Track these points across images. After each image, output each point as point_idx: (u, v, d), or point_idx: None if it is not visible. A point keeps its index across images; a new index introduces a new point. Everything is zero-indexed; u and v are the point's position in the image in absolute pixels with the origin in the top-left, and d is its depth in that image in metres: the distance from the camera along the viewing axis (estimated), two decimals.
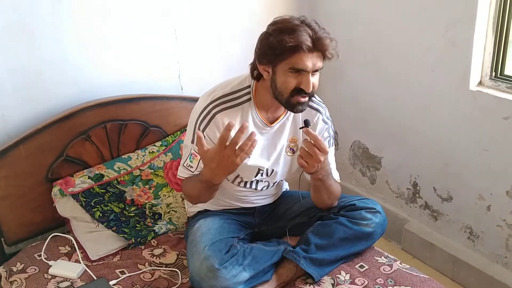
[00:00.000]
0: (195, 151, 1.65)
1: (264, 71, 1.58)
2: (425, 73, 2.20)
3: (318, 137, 1.53)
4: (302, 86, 1.53)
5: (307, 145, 1.54)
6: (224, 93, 1.66)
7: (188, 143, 1.70)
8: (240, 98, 1.66)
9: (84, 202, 1.92)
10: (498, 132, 2.00)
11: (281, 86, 1.55)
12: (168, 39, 2.21)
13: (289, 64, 1.51)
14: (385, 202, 2.57)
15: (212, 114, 1.63)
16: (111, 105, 2.04)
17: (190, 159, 1.68)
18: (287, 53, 1.49)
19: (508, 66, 2.04)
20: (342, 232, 1.71)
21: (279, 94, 1.57)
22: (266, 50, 1.54)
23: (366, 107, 2.54)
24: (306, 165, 1.56)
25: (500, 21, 1.97)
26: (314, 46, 1.49)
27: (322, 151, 1.53)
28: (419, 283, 1.65)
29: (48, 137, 1.91)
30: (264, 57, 1.55)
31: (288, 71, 1.52)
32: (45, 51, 1.92)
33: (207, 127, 1.63)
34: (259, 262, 1.62)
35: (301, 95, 1.55)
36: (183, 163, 1.71)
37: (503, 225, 2.08)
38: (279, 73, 1.54)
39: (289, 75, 1.53)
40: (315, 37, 1.49)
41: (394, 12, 2.27)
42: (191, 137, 1.68)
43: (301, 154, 1.56)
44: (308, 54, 1.49)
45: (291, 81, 1.53)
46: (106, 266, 1.76)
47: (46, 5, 1.88)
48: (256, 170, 1.72)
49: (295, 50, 1.48)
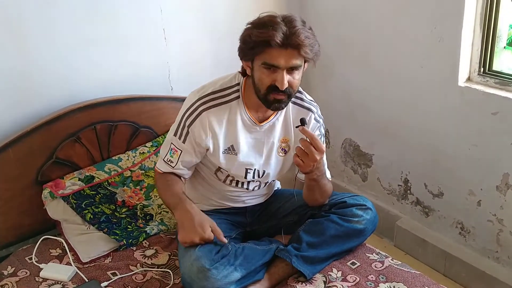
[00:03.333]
0: (176, 146, 1.67)
1: (247, 67, 1.60)
2: (414, 69, 2.21)
3: (314, 135, 1.54)
4: (276, 83, 1.53)
5: (304, 144, 1.54)
6: (214, 90, 1.66)
7: (171, 137, 1.70)
8: (229, 96, 1.66)
9: (74, 204, 1.92)
10: (487, 127, 2.01)
11: (257, 82, 1.57)
12: (157, 39, 2.21)
13: (261, 59, 1.52)
14: (377, 199, 2.58)
15: (199, 111, 1.63)
16: (101, 106, 2.03)
17: (171, 154, 1.69)
18: (257, 47, 1.50)
19: (496, 62, 2.04)
20: (333, 229, 1.71)
21: (257, 91, 1.58)
22: (241, 44, 1.57)
23: (357, 104, 2.54)
24: (302, 164, 1.57)
25: (488, 17, 1.98)
26: (286, 42, 1.47)
27: (318, 150, 1.54)
28: (411, 279, 1.66)
29: (37, 139, 1.90)
30: (241, 51, 1.58)
31: (262, 66, 1.53)
32: (34, 53, 1.91)
33: (193, 123, 1.64)
34: (251, 262, 1.61)
35: (277, 92, 1.55)
36: (163, 157, 1.72)
37: (494, 220, 2.09)
38: (255, 69, 1.56)
39: (263, 71, 1.53)
40: (289, 33, 1.47)
41: (383, 8, 2.27)
42: (175, 130, 1.69)
43: (297, 153, 1.57)
44: (280, 50, 1.49)
45: (265, 77, 1.54)
46: (98, 268, 1.75)
47: (34, 6, 1.87)
48: (244, 169, 1.72)
49: (264, 44, 1.48)
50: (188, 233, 1.57)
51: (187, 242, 1.58)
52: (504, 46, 2.04)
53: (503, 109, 1.94)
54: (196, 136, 1.64)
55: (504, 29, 2.01)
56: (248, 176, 1.74)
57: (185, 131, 1.66)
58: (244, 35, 1.54)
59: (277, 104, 1.59)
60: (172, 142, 1.70)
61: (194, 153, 1.69)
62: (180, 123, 1.67)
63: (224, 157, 1.69)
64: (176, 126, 1.69)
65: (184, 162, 1.70)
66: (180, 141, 1.67)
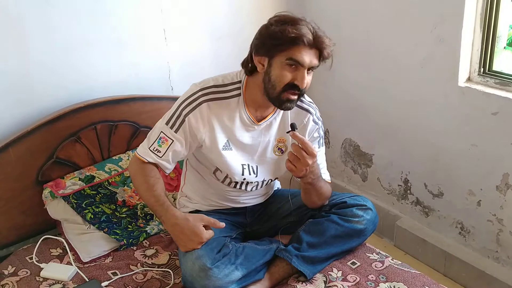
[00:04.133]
0: (166, 135, 1.63)
1: (259, 63, 1.58)
2: (414, 70, 2.21)
3: (305, 140, 1.54)
4: (296, 82, 1.53)
5: (295, 149, 1.54)
6: (216, 84, 1.66)
7: (162, 125, 1.65)
8: (230, 92, 1.65)
9: (75, 204, 1.92)
10: (487, 127, 2.02)
11: (275, 79, 1.55)
12: (157, 39, 2.21)
13: (287, 55, 1.51)
14: (377, 199, 2.59)
15: (199, 101, 1.62)
16: (101, 106, 2.03)
17: (159, 143, 1.64)
18: (288, 43, 1.50)
19: (496, 62, 2.05)
20: (333, 229, 1.72)
21: (271, 88, 1.56)
22: (265, 39, 1.54)
23: (357, 104, 2.55)
24: (295, 168, 1.56)
25: (488, 17, 1.98)
26: (314, 42, 1.50)
27: (310, 154, 1.53)
28: (411, 278, 1.66)
29: (38, 139, 1.90)
30: (262, 47, 1.55)
31: (286, 63, 1.52)
32: (34, 53, 1.91)
33: (191, 112, 1.61)
34: (252, 261, 1.62)
35: (293, 91, 1.55)
36: (149, 146, 1.66)
37: (494, 220, 2.10)
38: (275, 65, 1.54)
39: (285, 68, 1.53)
40: (316, 34, 1.51)
41: (383, 9, 2.28)
42: (168, 118, 1.64)
43: (289, 158, 1.57)
44: (307, 49, 1.50)
45: (286, 74, 1.53)
46: (98, 267, 1.76)
47: (35, 6, 1.87)
48: (240, 167, 1.72)
49: (296, 41, 1.49)
50: (187, 244, 1.57)
51: (189, 250, 1.58)
52: (504, 46, 2.05)
53: (503, 109, 1.95)
54: (194, 127, 1.61)
55: (504, 29, 2.01)
56: (244, 172, 1.73)
57: (180, 120, 1.62)
58: (272, 30, 1.52)
59: (289, 104, 1.58)
60: (162, 131, 1.64)
61: (185, 145, 1.64)
62: (175, 112, 1.63)
63: (221, 153, 1.67)
64: (169, 115, 1.65)
65: (173, 152, 1.65)
66: (172, 130, 1.62)
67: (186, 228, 1.58)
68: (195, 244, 1.56)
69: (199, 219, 1.61)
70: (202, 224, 1.59)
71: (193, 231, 1.57)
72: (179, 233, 1.58)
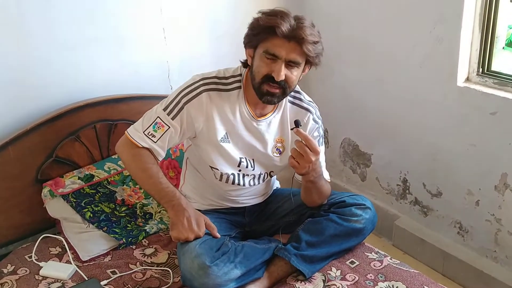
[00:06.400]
0: (163, 120, 1.62)
1: (248, 56, 1.62)
2: (413, 70, 2.22)
3: (308, 137, 1.54)
4: (273, 74, 1.54)
5: (298, 145, 1.55)
6: (217, 76, 1.67)
7: (159, 110, 1.64)
8: (231, 85, 1.67)
9: (74, 203, 1.92)
10: (486, 127, 2.02)
11: (255, 69, 1.58)
12: (157, 38, 2.21)
13: (264, 47, 1.54)
14: (376, 198, 2.59)
15: (199, 90, 1.62)
16: (101, 105, 2.03)
17: (154, 127, 1.63)
18: (262, 33, 1.52)
19: (494, 62, 2.05)
20: (332, 229, 1.72)
21: (253, 79, 1.60)
22: (248, 31, 1.59)
23: (356, 104, 2.55)
24: (298, 165, 1.57)
25: (487, 18, 1.99)
26: (291, 34, 1.50)
27: (313, 151, 1.54)
28: (409, 278, 1.66)
29: (37, 138, 1.90)
30: (246, 37, 1.60)
31: (263, 54, 1.54)
32: (34, 52, 1.91)
33: (190, 101, 1.62)
34: (251, 260, 1.62)
35: (271, 83, 1.56)
36: (143, 130, 1.64)
37: (492, 220, 2.10)
38: (256, 57, 1.58)
39: (263, 59, 1.55)
40: (296, 27, 1.51)
41: (382, 8, 2.28)
42: (166, 104, 1.64)
43: (292, 155, 1.57)
44: (283, 41, 1.51)
45: (263, 66, 1.55)
46: (97, 266, 1.76)
47: (35, 5, 1.87)
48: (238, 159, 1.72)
49: (269, 31, 1.51)
50: (184, 231, 1.58)
51: (181, 239, 1.59)
52: (502, 46, 2.06)
53: (501, 109, 1.95)
54: (192, 116, 1.62)
55: (502, 29, 2.02)
56: (241, 164, 1.72)
57: (178, 107, 1.61)
58: (252, 21, 1.57)
59: (269, 97, 1.59)
60: (159, 116, 1.63)
61: (180, 132, 1.64)
62: (174, 99, 1.63)
63: (219, 144, 1.68)
64: (168, 101, 1.64)
65: (168, 139, 1.64)
66: (169, 117, 1.62)
67: (193, 215, 1.61)
68: (191, 234, 1.58)
69: (204, 217, 1.66)
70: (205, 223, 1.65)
71: (198, 222, 1.61)
72: (183, 218, 1.60)
